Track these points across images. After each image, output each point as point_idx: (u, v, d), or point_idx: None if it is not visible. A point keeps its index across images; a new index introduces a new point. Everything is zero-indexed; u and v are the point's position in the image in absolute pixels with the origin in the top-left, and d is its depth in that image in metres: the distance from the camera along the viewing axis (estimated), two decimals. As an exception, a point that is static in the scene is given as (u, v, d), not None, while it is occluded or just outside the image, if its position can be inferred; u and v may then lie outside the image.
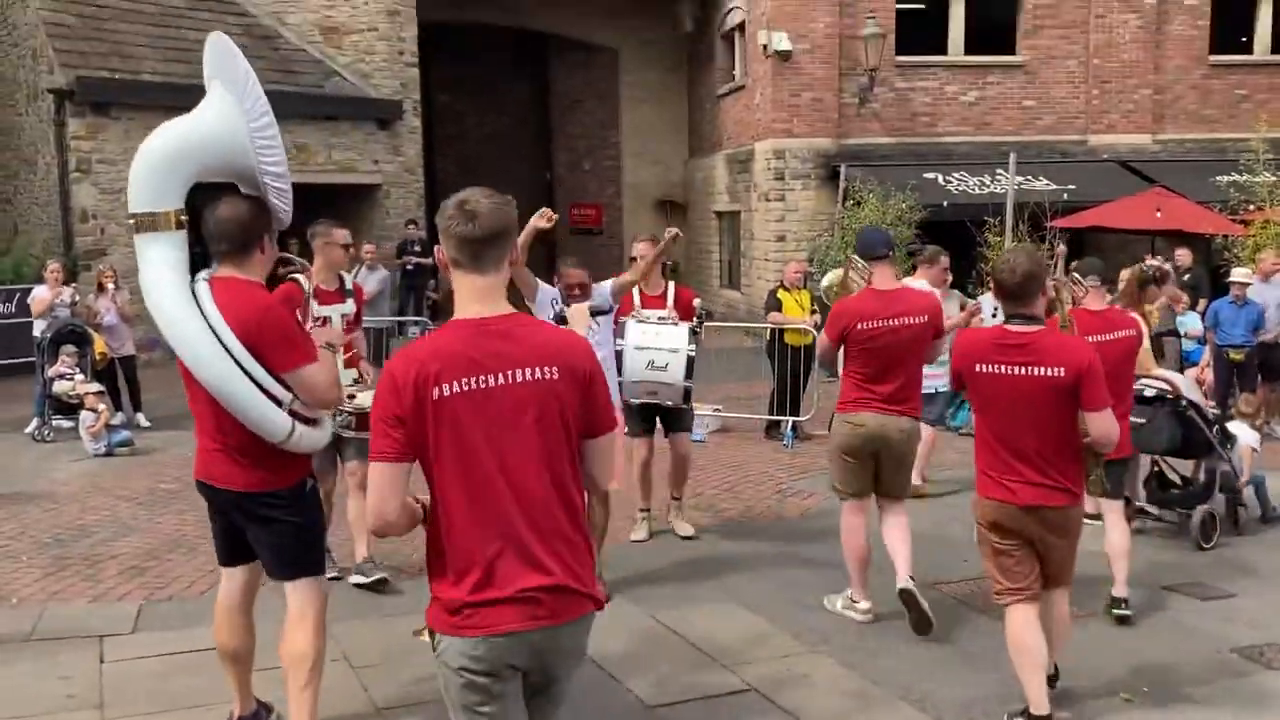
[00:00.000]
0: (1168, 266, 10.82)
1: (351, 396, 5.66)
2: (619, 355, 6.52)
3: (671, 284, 7.26)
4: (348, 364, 5.91)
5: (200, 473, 4.00)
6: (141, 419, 11.09)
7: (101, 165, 14.77)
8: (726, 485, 8.68)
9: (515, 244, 2.91)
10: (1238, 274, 10.70)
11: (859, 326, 5.42)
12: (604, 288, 6.04)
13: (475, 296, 2.78)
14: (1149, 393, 6.92)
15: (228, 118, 3.91)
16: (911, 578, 5.53)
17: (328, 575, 5.72)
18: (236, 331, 3.75)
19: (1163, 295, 10.39)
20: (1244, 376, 10.49)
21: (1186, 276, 12.31)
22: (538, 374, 2.73)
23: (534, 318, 3.23)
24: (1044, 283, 4.40)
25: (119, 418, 10.61)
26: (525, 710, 2.82)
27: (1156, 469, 7.49)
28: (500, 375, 2.71)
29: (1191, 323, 11.15)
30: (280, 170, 4.00)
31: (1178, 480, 7.53)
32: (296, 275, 4.87)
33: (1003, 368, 4.24)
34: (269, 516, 3.91)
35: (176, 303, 3.83)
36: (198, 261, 4.00)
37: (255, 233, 3.94)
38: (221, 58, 4.00)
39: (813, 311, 10.55)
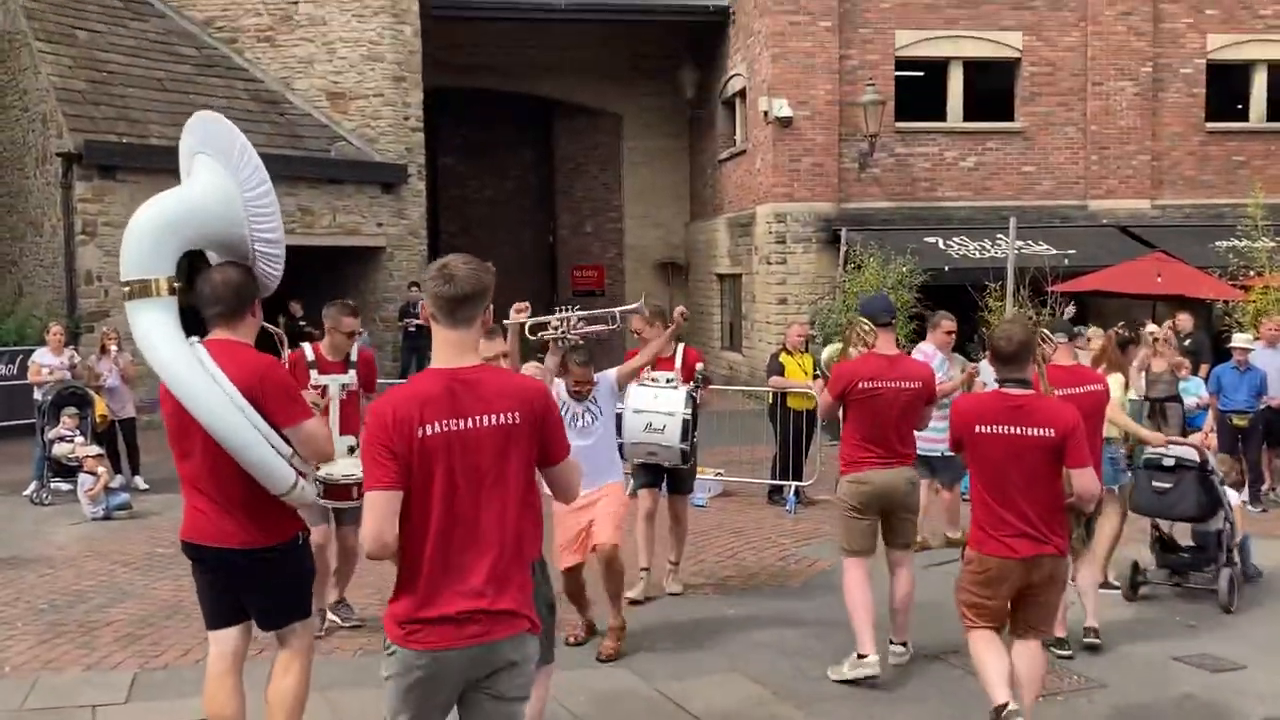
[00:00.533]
0: (1155, 329, 10.84)
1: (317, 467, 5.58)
2: (619, 418, 6.66)
3: (681, 345, 7.49)
4: (344, 430, 6.05)
5: (190, 534, 4.03)
6: (139, 481, 11.03)
7: (107, 228, 14.86)
8: (729, 551, 8.59)
9: (488, 306, 3.32)
10: (1239, 339, 10.70)
11: (860, 385, 5.73)
12: (609, 376, 6.13)
13: (449, 348, 3.16)
14: (1168, 461, 7.18)
15: (221, 189, 4.09)
16: (905, 643, 5.96)
17: (349, 624, 6.40)
18: (240, 389, 3.85)
19: (1165, 359, 10.40)
20: (1248, 442, 10.45)
21: (1187, 341, 12.29)
22: (502, 419, 3.12)
23: (498, 367, 3.59)
24: (1035, 350, 4.89)
25: (117, 480, 10.55)
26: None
27: (1157, 533, 7.47)
28: (471, 419, 3.09)
29: (1194, 388, 11.12)
30: (275, 238, 4.16)
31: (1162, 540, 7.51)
32: (305, 344, 5.65)
33: (1000, 428, 4.60)
34: (268, 572, 3.97)
35: (184, 360, 3.92)
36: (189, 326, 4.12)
37: (248, 297, 4.10)
38: (212, 133, 4.20)
39: (815, 376, 10.55)
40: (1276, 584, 7.65)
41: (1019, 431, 4.54)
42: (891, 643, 5.91)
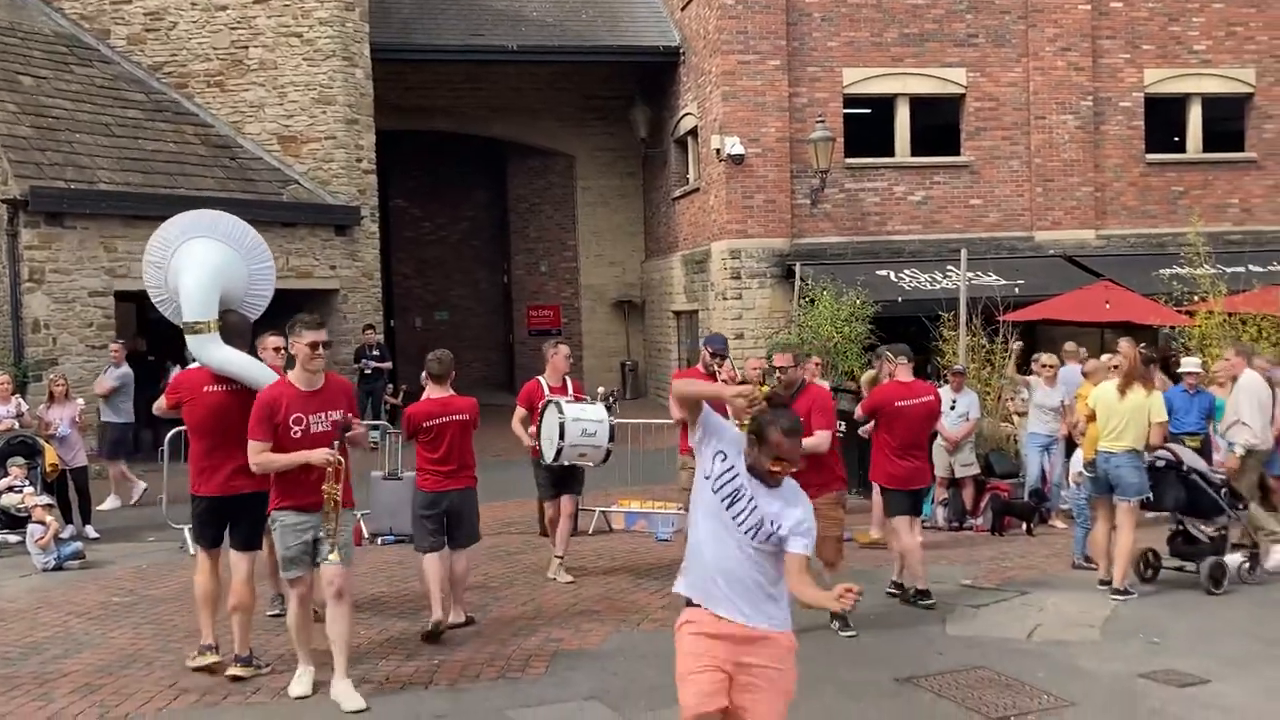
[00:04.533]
0: (1111, 357, 11.04)
1: None
2: (561, 426, 8.06)
3: (569, 379, 8.96)
4: None
5: (224, 490, 6.23)
6: (90, 531, 10.79)
7: (55, 275, 14.63)
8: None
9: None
10: (1189, 363, 10.88)
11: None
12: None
13: (301, 361, 5.89)
14: (1160, 463, 8.17)
15: (234, 262, 6.74)
16: None
17: (271, 613, 7.58)
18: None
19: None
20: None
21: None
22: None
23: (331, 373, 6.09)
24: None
25: (68, 530, 10.30)
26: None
27: (1181, 527, 8.25)
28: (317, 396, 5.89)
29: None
30: (267, 294, 6.98)
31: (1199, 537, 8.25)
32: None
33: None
34: (264, 509, 6.01)
35: (256, 363, 6.49)
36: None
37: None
38: (224, 225, 6.79)
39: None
40: (1241, 601, 7.77)
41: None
42: None
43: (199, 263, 6.50)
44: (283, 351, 7.27)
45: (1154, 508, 8.33)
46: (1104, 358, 9.82)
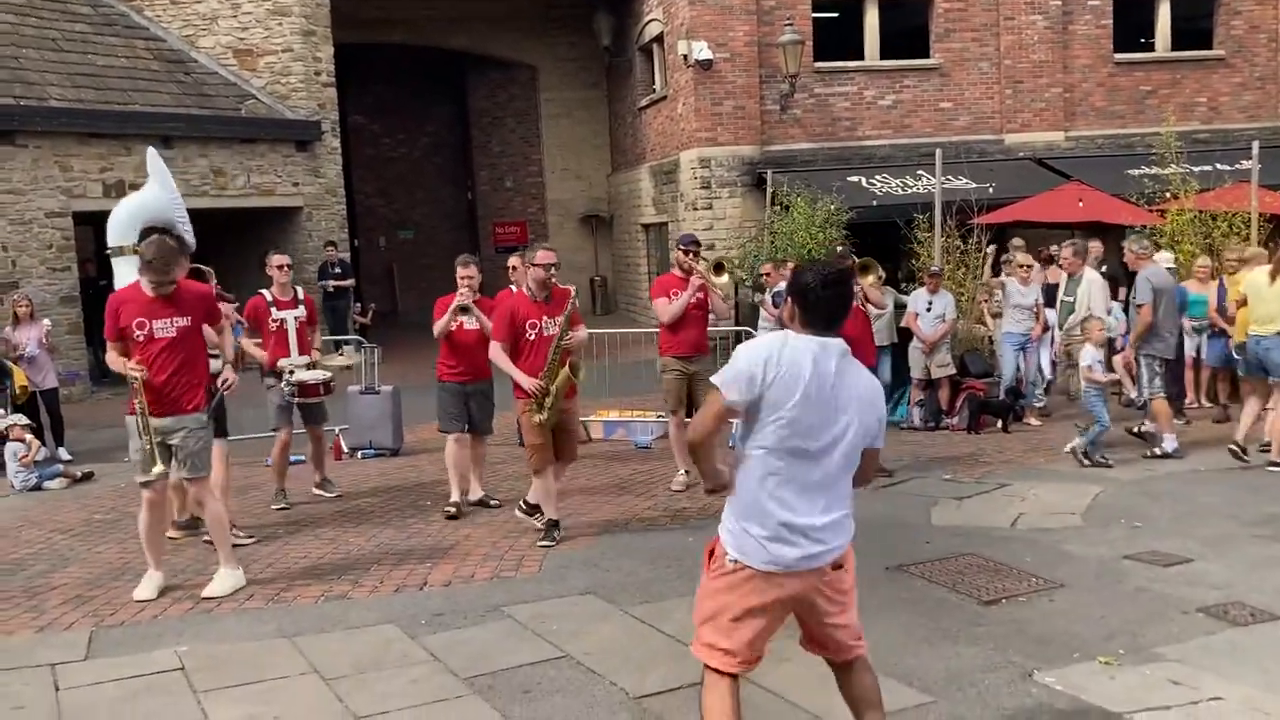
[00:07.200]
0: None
1: (291, 373, 8.00)
2: None
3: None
4: (301, 351, 8.21)
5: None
6: (63, 453, 10.66)
7: (9, 196, 14.22)
8: (680, 484, 8.61)
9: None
10: (1161, 258, 10.97)
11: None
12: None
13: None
14: None
15: (162, 199, 8.22)
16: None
17: (276, 507, 8.17)
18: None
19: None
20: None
21: (1104, 268, 12.56)
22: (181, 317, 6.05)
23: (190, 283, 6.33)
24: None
25: (42, 453, 10.16)
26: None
27: None
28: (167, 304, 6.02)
29: (1116, 311, 11.39)
30: (188, 225, 8.07)
31: None
32: (263, 290, 8.20)
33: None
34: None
35: None
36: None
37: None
38: (155, 166, 8.41)
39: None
40: (1218, 487, 7.93)
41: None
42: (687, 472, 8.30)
43: (130, 197, 8.31)
44: (286, 269, 8.27)
45: None
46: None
